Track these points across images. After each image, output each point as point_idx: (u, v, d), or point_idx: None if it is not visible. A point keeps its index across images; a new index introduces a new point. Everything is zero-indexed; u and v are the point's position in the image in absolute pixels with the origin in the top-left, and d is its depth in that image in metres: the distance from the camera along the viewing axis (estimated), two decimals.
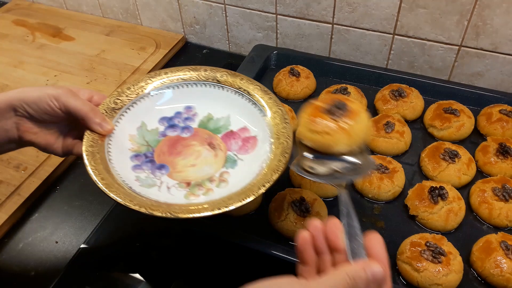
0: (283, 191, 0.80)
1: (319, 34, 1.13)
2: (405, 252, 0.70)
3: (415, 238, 0.72)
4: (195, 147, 0.75)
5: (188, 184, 0.70)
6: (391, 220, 0.79)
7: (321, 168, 0.63)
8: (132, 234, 0.84)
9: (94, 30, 1.35)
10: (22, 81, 1.16)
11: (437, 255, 0.68)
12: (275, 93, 1.05)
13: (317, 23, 1.11)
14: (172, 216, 0.59)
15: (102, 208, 0.88)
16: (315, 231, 0.50)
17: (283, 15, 1.13)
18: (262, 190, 0.62)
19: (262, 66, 1.09)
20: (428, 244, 0.70)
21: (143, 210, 0.60)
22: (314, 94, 1.04)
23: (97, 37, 1.32)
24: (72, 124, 0.73)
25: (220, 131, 0.78)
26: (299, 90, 1.02)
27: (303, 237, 0.50)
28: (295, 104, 1.01)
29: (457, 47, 1.02)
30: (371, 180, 0.81)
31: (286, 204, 0.77)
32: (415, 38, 1.04)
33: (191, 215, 0.60)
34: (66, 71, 1.20)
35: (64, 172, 0.95)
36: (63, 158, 0.94)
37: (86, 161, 0.66)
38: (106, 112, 0.74)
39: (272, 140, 0.72)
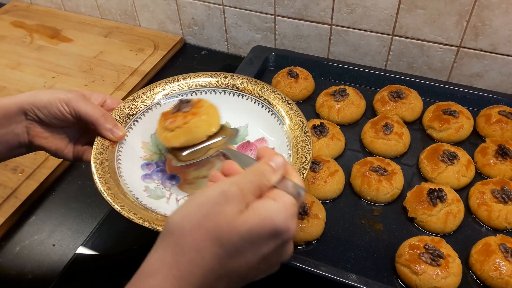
0: None
1: (318, 35, 1.13)
2: (404, 254, 0.70)
3: (413, 240, 0.72)
4: (209, 158, 0.73)
5: None
6: (390, 222, 0.79)
7: (200, 155, 0.67)
8: (130, 236, 0.83)
9: (92, 31, 1.35)
10: (20, 83, 1.16)
11: (435, 257, 0.68)
12: None
13: (315, 24, 1.11)
14: None
15: (99, 210, 0.88)
16: (215, 179, 0.53)
17: (282, 16, 1.13)
18: None
19: (260, 67, 1.08)
20: (426, 246, 0.69)
21: (146, 224, 0.59)
22: (313, 96, 1.04)
23: (95, 38, 1.32)
24: (83, 129, 0.72)
25: (237, 142, 0.75)
26: (297, 92, 1.01)
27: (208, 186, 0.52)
28: None
29: (456, 48, 1.01)
30: (370, 182, 0.80)
31: None
32: (414, 39, 1.04)
33: None
34: (64, 73, 1.19)
35: (61, 175, 0.95)
36: (60, 160, 0.93)
37: (93, 169, 0.65)
38: (119, 117, 0.73)
39: (290, 152, 0.70)
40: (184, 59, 1.28)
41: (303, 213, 0.75)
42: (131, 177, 0.68)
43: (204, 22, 1.24)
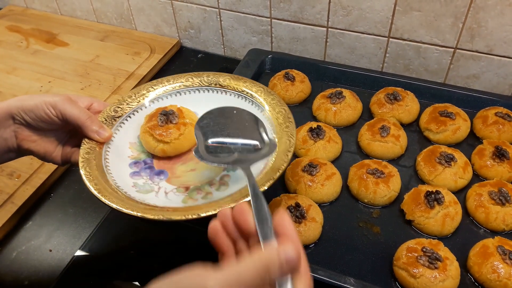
0: (278, 197, 0.79)
1: (314, 37, 1.13)
2: (402, 257, 0.70)
3: (411, 243, 0.72)
4: None
5: (187, 188, 0.70)
6: (388, 225, 0.78)
7: (224, 154, 0.64)
8: (127, 241, 0.83)
9: (89, 35, 1.35)
10: (16, 88, 1.15)
11: (433, 260, 0.68)
12: None
13: (311, 26, 1.11)
14: (165, 218, 0.58)
15: (96, 215, 0.87)
16: (224, 218, 0.49)
17: (278, 19, 1.13)
18: (262, 189, 0.59)
19: (257, 70, 1.08)
20: (424, 249, 0.69)
21: (134, 213, 0.59)
22: (309, 98, 1.03)
23: (91, 42, 1.32)
24: (71, 132, 0.73)
25: None
26: (294, 95, 1.01)
27: (213, 227, 0.49)
28: (291, 108, 1.00)
29: (452, 50, 1.01)
30: (367, 185, 0.80)
31: None
32: (410, 41, 1.04)
33: (184, 217, 0.58)
34: (60, 77, 1.19)
35: (58, 179, 0.95)
36: (56, 165, 0.93)
37: (80, 167, 0.66)
38: (106, 120, 0.74)
39: (274, 136, 0.71)
40: (181, 62, 1.28)
41: (300, 216, 0.75)
42: (119, 174, 0.70)
43: (200, 25, 1.24)
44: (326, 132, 0.89)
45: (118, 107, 0.77)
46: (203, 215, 0.58)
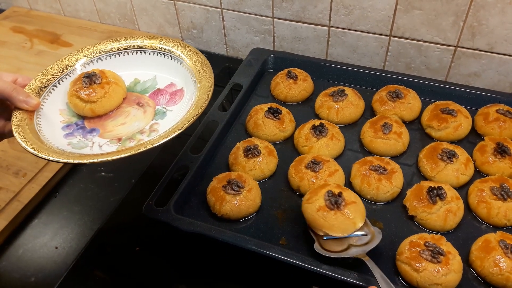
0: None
1: (316, 36, 1.14)
2: (404, 252, 0.70)
3: (414, 238, 0.72)
4: (124, 109, 0.80)
5: (119, 139, 0.74)
6: (390, 220, 0.79)
7: (340, 247, 0.71)
8: (132, 238, 0.84)
9: (92, 36, 1.36)
10: None
11: (436, 255, 0.68)
12: (272, 96, 1.05)
13: (313, 26, 1.12)
14: (102, 159, 0.63)
15: (101, 213, 0.88)
16: None
17: (280, 19, 1.14)
18: (187, 124, 0.66)
19: (259, 69, 1.09)
20: (427, 244, 0.70)
21: (71, 161, 0.63)
22: (312, 97, 1.04)
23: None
24: (1, 106, 0.75)
25: (148, 91, 0.83)
26: (296, 93, 1.02)
27: None
28: (293, 107, 1.02)
29: (453, 48, 1.02)
30: (370, 181, 0.81)
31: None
32: (412, 39, 1.04)
33: (117, 157, 0.63)
34: None
35: (63, 178, 0.95)
36: (61, 164, 0.94)
37: (15, 132, 0.69)
38: (33, 91, 0.78)
39: (196, 85, 0.76)
40: None
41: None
42: (53, 137, 0.73)
43: (203, 25, 1.25)
44: (328, 130, 0.90)
45: (43, 78, 0.80)
46: (134, 152, 0.64)
